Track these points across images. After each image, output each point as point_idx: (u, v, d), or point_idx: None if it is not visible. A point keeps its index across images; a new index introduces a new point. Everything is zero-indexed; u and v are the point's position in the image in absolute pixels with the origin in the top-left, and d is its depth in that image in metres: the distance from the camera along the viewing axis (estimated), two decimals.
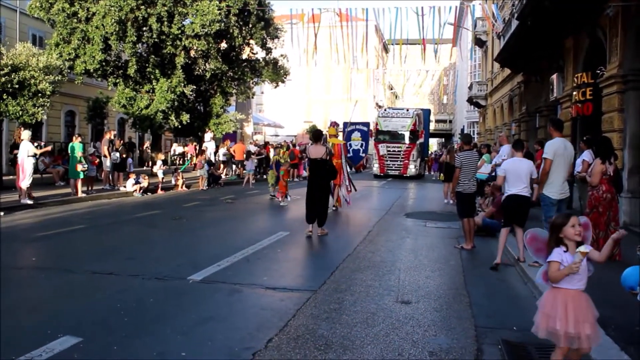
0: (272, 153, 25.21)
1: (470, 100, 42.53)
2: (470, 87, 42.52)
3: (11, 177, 18.72)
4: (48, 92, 17.05)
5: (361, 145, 23.37)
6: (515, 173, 7.80)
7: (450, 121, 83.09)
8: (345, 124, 16.59)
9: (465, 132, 49.66)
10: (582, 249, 3.56)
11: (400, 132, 29.89)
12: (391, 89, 78.35)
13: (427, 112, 35.45)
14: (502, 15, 25.66)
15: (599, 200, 7.86)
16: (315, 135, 10.45)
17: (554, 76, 17.70)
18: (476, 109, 43.70)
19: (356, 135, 22.77)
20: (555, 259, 3.66)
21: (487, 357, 4.49)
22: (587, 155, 11.70)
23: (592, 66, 13.96)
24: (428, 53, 23.96)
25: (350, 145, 21.66)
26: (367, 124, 29.80)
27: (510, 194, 7.82)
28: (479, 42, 37.75)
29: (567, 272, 3.62)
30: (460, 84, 58.50)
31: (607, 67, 12.60)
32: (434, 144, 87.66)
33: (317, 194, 10.08)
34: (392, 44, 27.87)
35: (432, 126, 70.27)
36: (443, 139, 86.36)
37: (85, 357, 4.23)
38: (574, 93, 14.60)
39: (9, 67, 15.89)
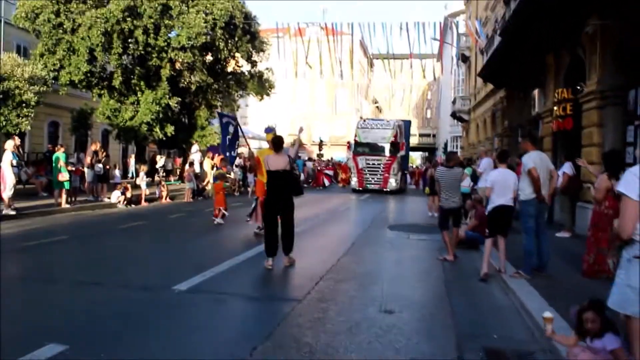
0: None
1: (453, 115, 42.87)
2: (453, 102, 42.90)
3: None
4: (32, 103, 17.02)
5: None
6: (502, 184, 7.85)
7: (434, 135, 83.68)
8: (220, 114, 14.70)
9: (449, 146, 50.14)
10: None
11: (380, 144, 28.37)
12: (375, 103, 78.85)
13: (407, 123, 34.38)
14: (485, 32, 26.05)
15: (600, 217, 7.68)
16: (276, 142, 8.52)
17: (536, 92, 17.99)
18: (459, 123, 44.08)
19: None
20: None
21: None
22: (567, 167, 11.92)
23: (572, 82, 14.21)
24: (415, 68, 24.25)
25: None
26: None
27: (497, 205, 7.84)
28: (462, 58, 38.14)
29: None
30: (443, 98, 59.02)
31: (587, 83, 12.85)
32: (417, 157, 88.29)
33: (279, 214, 8.35)
34: (382, 59, 27.67)
35: (416, 140, 70.82)
36: (427, 153, 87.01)
37: None
38: (555, 108, 14.85)
39: None
